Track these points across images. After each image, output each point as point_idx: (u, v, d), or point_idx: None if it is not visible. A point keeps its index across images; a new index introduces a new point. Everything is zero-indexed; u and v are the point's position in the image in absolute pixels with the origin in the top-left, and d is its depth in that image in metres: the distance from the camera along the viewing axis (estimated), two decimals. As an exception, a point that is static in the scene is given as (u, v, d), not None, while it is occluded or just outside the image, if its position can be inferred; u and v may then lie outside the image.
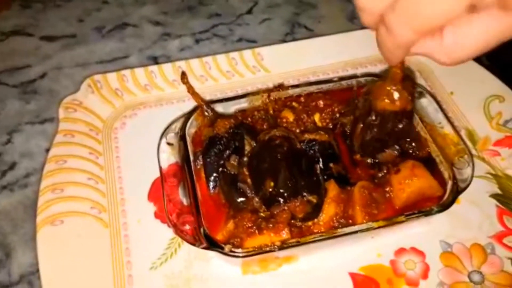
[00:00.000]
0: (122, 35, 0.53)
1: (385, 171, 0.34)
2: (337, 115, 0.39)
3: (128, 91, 0.44)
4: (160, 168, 0.35)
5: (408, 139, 0.36)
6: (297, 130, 0.37)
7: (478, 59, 0.49)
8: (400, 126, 0.32)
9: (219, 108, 0.39)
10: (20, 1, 0.56)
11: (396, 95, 0.31)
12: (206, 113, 0.38)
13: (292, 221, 0.32)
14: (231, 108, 0.39)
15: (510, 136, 0.41)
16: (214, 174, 0.35)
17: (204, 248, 0.31)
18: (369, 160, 0.35)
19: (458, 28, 0.21)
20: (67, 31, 0.53)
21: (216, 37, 0.52)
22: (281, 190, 0.32)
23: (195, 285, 0.34)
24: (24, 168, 0.41)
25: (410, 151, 0.36)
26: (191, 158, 0.35)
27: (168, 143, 0.36)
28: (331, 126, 0.39)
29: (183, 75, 0.39)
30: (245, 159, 0.35)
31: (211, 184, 0.35)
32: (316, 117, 0.39)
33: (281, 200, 0.32)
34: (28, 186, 0.40)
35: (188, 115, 0.37)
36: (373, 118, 0.32)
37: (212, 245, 0.31)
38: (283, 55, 0.47)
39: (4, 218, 0.38)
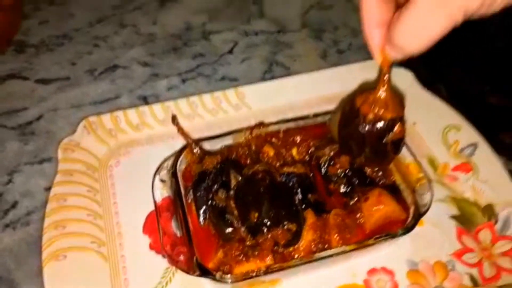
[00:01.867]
0: (113, 77, 0.56)
1: (356, 199, 0.39)
2: (312, 148, 0.43)
3: (121, 130, 0.47)
4: (155, 203, 0.38)
5: (376, 169, 0.41)
6: (277, 164, 0.42)
7: (438, 91, 0.55)
8: (390, 135, 0.33)
9: (207, 145, 0.42)
10: (14, 46, 0.59)
11: (382, 97, 0.32)
12: (195, 151, 0.41)
13: (275, 247, 0.36)
14: (217, 145, 0.43)
15: (466, 163, 0.46)
16: (204, 207, 0.38)
17: (198, 275, 0.34)
18: (342, 190, 0.40)
19: None
20: (61, 74, 0.56)
21: (200, 76, 0.56)
22: (265, 221, 0.36)
23: None
24: (25, 207, 0.44)
25: (377, 180, 0.40)
26: (183, 192, 0.39)
27: (161, 180, 0.40)
28: (307, 159, 0.43)
29: (174, 118, 0.43)
30: (232, 192, 0.38)
31: (202, 217, 0.38)
32: (294, 151, 0.43)
33: (265, 229, 0.36)
34: (30, 224, 0.43)
35: (178, 153, 0.41)
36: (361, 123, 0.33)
37: (205, 272, 0.34)
38: (263, 93, 0.51)
39: (8, 255, 0.40)
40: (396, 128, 0.33)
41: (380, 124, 0.33)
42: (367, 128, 0.33)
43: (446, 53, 0.52)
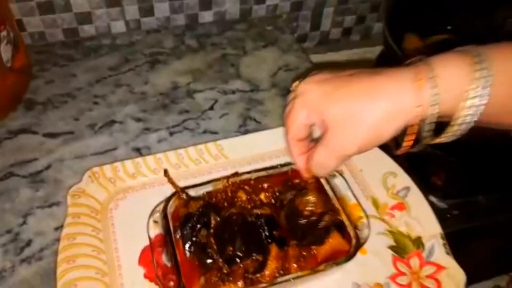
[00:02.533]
0: (111, 131, 0.65)
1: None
2: (277, 193, 0.53)
3: (120, 178, 0.57)
4: (150, 239, 0.47)
5: (327, 210, 0.51)
6: (249, 207, 0.51)
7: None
8: (321, 223, 0.48)
9: (191, 192, 0.52)
10: (24, 104, 0.68)
11: (312, 199, 0.49)
12: (182, 197, 0.51)
13: (246, 274, 0.45)
14: (200, 191, 0.52)
15: (401, 202, 0.56)
16: (189, 243, 0.47)
17: (184, 298, 0.43)
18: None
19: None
20: (66, 128, 0.65)
21: (186, 129, 0.66)
22: (238, 253, 0.45)
23: None
24: (39, 244, 0.52)
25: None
26: (172, 231, 0.48)
27: (154, 221, 0.49)
28: (273, 202, 0.53)
29: (165, 171, 0.53)
30: (212, 231, 0.48)
31: (187, 250, 0.47)
32: (262, 196, 0.52)
33: (238, 260, 0.45)
34: (42, 259, 0.51)
35: (168, 199, 0.50)
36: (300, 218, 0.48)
37: (190, 295, 0.43)
38: (238, 145, 0.61)
39: (25, 286, 0.48)
40: (325, 218, 0.47)
41: (313, 218, 0.47)
42: (305, 221, 0.47)
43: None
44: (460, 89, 0.32)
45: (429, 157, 0.61)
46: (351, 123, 0.35)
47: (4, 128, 0.64)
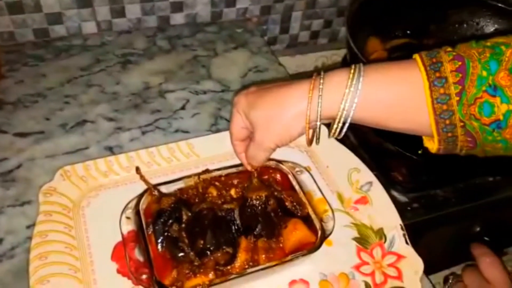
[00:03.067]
0: (82, 130, 0.65)
1: (278, 227, 0.51)
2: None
3: (92, 177, 0.57)
4: (122, 235, 0.49)
5: (294, 203, 0.54)
6: (219, 202, 0.53)
7: (348, 138, 0.69)
8: (269, 204, 0.51)
9: (163, 188, 0.53)
10: (-7, 103, 0.68)
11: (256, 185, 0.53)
12: (154, 193, 0.52)
13: (217, 266, 0.47)
14: (171, 188, 0.53)
15: (364, 196, 0.59)
16: (161, 238, 0.48)
17: (156, 290, 0.45)
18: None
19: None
20: (36, 128, 0.65)
21: (158, 129, 0.67)
22: (208, 246, 0.47)
23: None
24: (10, 243, 0.52)
25: (295, 211, 0.53)
26: (144, 227, 0.49)
27: (127, 217, 0.50)
28: (243, 197, 0.55)
29: (137, 169, 0.54)
30: (183, 225, 0.49)
31: (159, 245, 0.48)
32: (232, 192, 0.54)
33: (208, 253, 0.47)
34: (14, 256, 0.51)
35: (140, 196, 0.51)
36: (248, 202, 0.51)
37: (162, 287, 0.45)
38: (209, 144, 0.62)
39: (-3, 284, 0.49)
40: (270, 201, 0.52)
41: (259, 201, 0.52)
42: (253, 203, 0.51)
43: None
44: (339, 92, 0.41)
45: (391, 154, 0.65)
46: (268, 124, 0.45)
47: (-27, 128, 0.64)
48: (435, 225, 0.64)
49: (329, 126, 0.44)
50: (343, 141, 0.66)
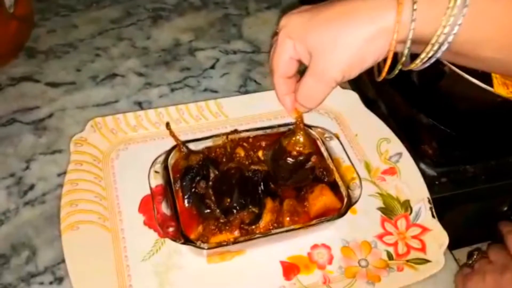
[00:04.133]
0: (112, 83, 0.65)
1: (304, 191, 0.51)
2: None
3: (121, 130, 0.58)
4: (151, 188, 0.49)
5: (321, 169, 0.53)
6: (247, 163, 0.53)
7: (379, 108, 0.68)
8: (309, 164, 0.49)
9: (192, 146, 0.53)
10: (26, 52, 0.68)
11: (301, 140, 0.48)
12: (182, 150, 0.53)
13: (242, 225, 0.48)
14: (200, 146, 0.53)
15: (393, 167, 0.58)
16: (188, 193, 0.49)
17: (182, 243, 0.45)
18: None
19: None
20: (67, 78, 0.65)
21: (187, 87, 0.67)
22: (235, 204, 0.47)
23: (173, 271, 0.47)
24: (41, 189, 0.53)
25: (322, 177, 0.53)
26: (172, 182, 0.50)
27: (155, 171, 0.51)
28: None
29: (168, 124, 0.55)
30: (210, 183, 0.50)
31: (186, 201, 0.49)
32: (260, 153, 0.54)
33: (234, 211, 0.47)
34: (45, 202, 0.52)
35: (169, 151, 0.52)
36: (287, 158, 0.49)
37: (187, 241, 0.45)
38: (238, 105, 0.62)
39: (29, 226, 0.50)
40: (312, 159, 0.49)
41: (301, 158, 0.48)
42: (292, 160, 0.48)
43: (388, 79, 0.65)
44: (439, 4, 0.31)
45: (422, 127, 0.63)
46: (335, 47, 0.34)
47: (6, 75, 0.65)
48: (463, 201, 0.63)
49: (360, 89, 0.39)
50: (374, 110, 0.64)
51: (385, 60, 0.35)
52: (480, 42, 0.32)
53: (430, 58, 0.33)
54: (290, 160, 0.49)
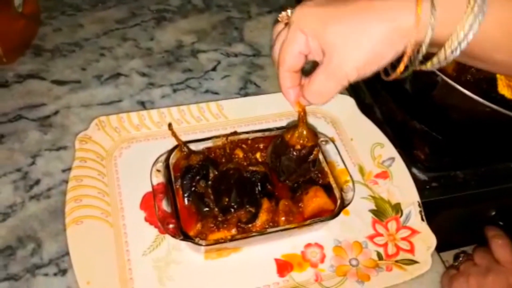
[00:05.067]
0: (116, 83, 0.67)
1: (299, 192, 0.53)
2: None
3: (124, 129, 0.60)
4: (153, 186, 0.51)
5: (316, 171, 0.55)
6: (245, 164, 0.55)
7: (374, 114, 0.70)
8: (311, 157, 0.50)
9: (192, 146, 0.55)
10: (32, 49, 0.70)
11: (304, 133, 0.48)
12: (183, 150, 0.55)
13: (239, 223, 0.49)
14: (200, 146, 0.55)
15: (385, 171, 0.60)
16: (188, 192, 0.51)
17: (181, 239, 0.47)
18: (289, 185, 0.54)
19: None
20: (73, 77, 0.67)
21: (188, 88, 0.69)
22: (232, 204, 0.49)
23: (173, 267, 0.49)
24: (46, 184, 0.55)
25: (317, 179, 0.55)
26: (173, 180, 0.52)
27: (157, 170, 0.53)
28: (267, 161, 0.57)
29: (170, 124, 0.57)
30: (210, 182, 0.52)
31: (186, 199, 0.51)
32: (258, 155, 0.56)
33: (232, 210, 0.49)
34: (50, 197, 0.54)
35: (170, 151, 0.54)
36: (291, 152, 0.49)
37: (186, 237, 0.47)
38: (238, 106, 0.64)
39: (34, 220, 0.52)
40: (314, 152, 0.49)
41: (304, 151, 0.49)
42: (296, 154, 0.49)
43: (383, 86, 0.67)
44: (457, 6, 0.31)
45: (415, 133, 0.65)
46: (352, 43, 0.34)
47: (13, 72, 0.66)
48: (452, 205, 0.65)
49: (357, 94, 0.40)
50: (369, 115, 0.66)
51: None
52: (493, 46, 0.32)
53: (442, 61, 0.33)
54: (294, 154, 0.49)
